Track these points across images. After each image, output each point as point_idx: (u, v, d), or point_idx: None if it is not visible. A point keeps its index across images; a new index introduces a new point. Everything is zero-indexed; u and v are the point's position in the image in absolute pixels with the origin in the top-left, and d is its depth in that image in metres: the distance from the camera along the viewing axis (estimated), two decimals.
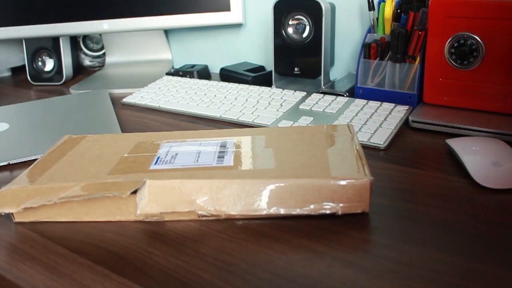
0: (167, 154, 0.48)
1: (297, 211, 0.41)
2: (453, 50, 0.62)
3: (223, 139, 0.51)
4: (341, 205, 0.41)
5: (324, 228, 0.41)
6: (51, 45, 1.01)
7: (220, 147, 0.49)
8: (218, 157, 0.47)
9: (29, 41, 1.01)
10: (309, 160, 0.44)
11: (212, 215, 0.43)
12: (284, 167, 0.43)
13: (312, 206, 0.41)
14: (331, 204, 0.41)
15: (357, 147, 0.46)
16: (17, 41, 1.08)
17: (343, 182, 0.40)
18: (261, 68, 0.92)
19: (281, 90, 0.77)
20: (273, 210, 0.42)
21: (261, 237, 0.40)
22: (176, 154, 0.48)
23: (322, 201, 0.41)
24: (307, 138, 0.50)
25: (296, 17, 0.75)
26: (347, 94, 0.74)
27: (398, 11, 0.69)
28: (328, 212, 0.41)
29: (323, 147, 0.47)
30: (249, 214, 0.42)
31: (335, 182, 0.41)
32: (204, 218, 0.43)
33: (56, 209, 0.44)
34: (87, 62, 1.13)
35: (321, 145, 0.48)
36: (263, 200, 0.41)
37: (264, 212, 0.42)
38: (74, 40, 1.08)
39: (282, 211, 0.41)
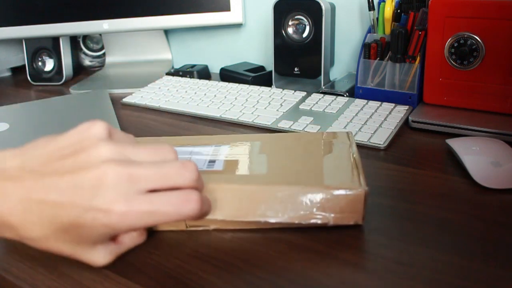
0: None
1: (285, 219, 0.39)
2: (453, 50, 0.62)
3: (217, 144, 0.49)
4: (332, 215, 0.39)
5: (324, 228, 0.41)
6: (51, 45, 1.01)
7: (213, 152, 0.47)
8: (209, 162, 0.45)
9: (29, 41, 1.01)
10: (303, 167, 0.43)
11: (200, 225, 0.41)
12: (276, 173, 0.42)
13: (301, 215, 0.39)
14: (322, 214, 0.39)
15: (354, 155, 0.44)
16: (17, 41, 1.08)
17: (336, 192, 0.39)
18: (261, 68, 0.92)
19: (281, 90, 0.77)
20: (261, 218, 0.39)
21: (261, 237, 0.40)
22: None
23: (313, 210, 0.39)
24: (304, 145, 0.47)
25: (296, 17, 0.75)
26: (347, 94, 0.74)
27: (398, 11, 0.69)
28: (319, 222, 0.39)
29: (319, 155, 0.45)
30: (236, 221, 0.40)
31: (327, 191, 0.39)
32: (192, 229, 0.42)
33: None
34: (87, 62, 1.13)
35: (318, 152, 0.46)
36: (251, 207, 0.39)
37: (251, 219, 0.40)
38: (74, 40, 1.08)
39: (271, 220, 0.39)
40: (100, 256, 0.36)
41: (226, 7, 0.90)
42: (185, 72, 0.91)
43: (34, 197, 0.33)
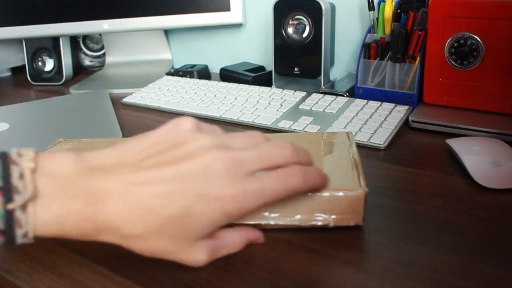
0: None
1: (287, 221, 0.39)
2: (453, 50, 0.62)
3: None
4: (333, 217, 0.39)
5: (324, 228, 0.41)
6: (51, 45, 1.01)
7: None
8: None
9: (29, 41, 1.01)
10: None
11: None
12: None
13: (301, 217, 0.39)
14: (323, 215, 0.39)
15: (354, 156, 0.44)
16: (17, 41, 1.08)
17: (336, 193, 0.38)
18: (261, 68, 0.92)
19: (281, 90, 0.77)
20: (261, 221, 0.39)
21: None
22: None
23: (313, 212, 0.39)
24: (304, 145, 0.46)
25: (296, 17, 0.75)
26: (347, 94, 0.74)
27: (398, 11, 0.69)
28: (319, 223, 0.39)
29: (319, 155, 0.45)
30: (236, 223, 0.39)
31: (328, 192, 0.38)
32: None
33: None
34: (87, 62, 1.13)
35: (318, 152, 0.45)
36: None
37: (251, 222, 0.39)
38: (74, 40, 1.08)
39: (271, 222, 0.39)
40: (200, 253, 0.34)
41: (226, 7, 0.90)
42: (185, 72, 0.91)
43: (138, 191, 0.31)
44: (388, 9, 0.69)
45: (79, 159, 0.33)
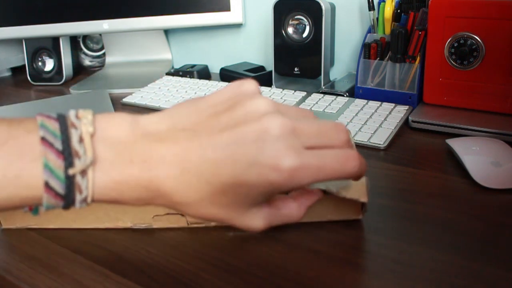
0: None
1: None
2: (453, 50, 0.62)
3: None
4: (332, 211, 0.40)
5: (323, 228, 0.41)
6: (51, 45, 1.01)
7: None
8: None
9: (29, 41, 1.01)
10: None
11: (201, 222, 0.42)
12: None
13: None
14: (321, 210, 0.40)
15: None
16: (17, 41, 1.08)
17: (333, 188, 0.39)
18: (261, 68, 0.92)
19: (281, 90, 0.77)
20: None
21: (261, 237, 0.40)
22: None
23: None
24: None
25: (296, 17, 0.75)
26: (347, 94, 0.74)
27: (398, 11, 0.69)
28: (318, 219, 0.40)
29: None
30: None
31: (326, 187, 0.39)
32: (194, 226, 0.42)
33: (44, 215, 0.43)
34: (87, 62, 1.13)
35: None
36: None
37: None
38: (74, 40, 1.08)
39: None
40: (256, 220, 0.33)
41: (226, 7, 0.90)
42: (185, 72, 0.91)
43: (191, 157, 0.30)
44: (388, 9, 0.69)
45: (136, 123, 0.32)
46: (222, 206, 0.32)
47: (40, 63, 1.02)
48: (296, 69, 0.78)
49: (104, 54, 1.11)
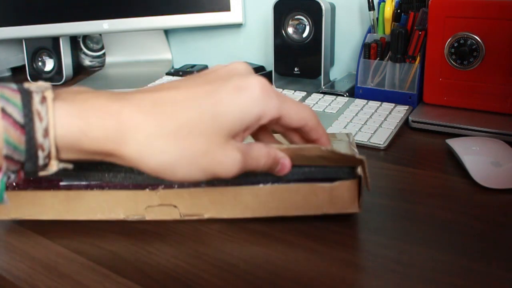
0: None
1: (285, 212, 0.41)
2: (453, 50, 0.62)
3: None
4: (327, 204, 0.41)
5: (324, 228, 0.41)
6: (51, 45, 1.01)
7: None
8: None
9: (29, 41, 1.01)
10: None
11: (193, 215, 0.42)
12: None
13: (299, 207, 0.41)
14: (316, 203, 0.40)
15: (354, 149, 0.45)
16: (17, 41, 1.08)
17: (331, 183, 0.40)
18: (261, 68, 0.92)
19: (281, 90, 0.77)
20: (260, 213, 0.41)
21: (261, 237, 0.40)
22: None
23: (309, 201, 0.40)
24: (304, 146, 0.48)
25: (296, 17, 0.75)
26: (347, 94, 0.74)
27: (398, 11, 0.69)
28: (313, 213, 0.41)
29: None
30: (235, 217, 0.42)
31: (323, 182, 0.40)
32: (186, 218, 0.43)
33: (37, 206, 0.43)
34: (87, 62, 1.13)
35: None
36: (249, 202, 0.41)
37: (270, 215, 0.41)
38: (74, 40, 1.08)
39: (271, 212, 0.41)
40: (235, 152, 0.32)
41: (226, 7, 0.90)
42: (185, 72, 0.91)
43: (163, 93, 0.32)
44: (388, 9, 0.69)
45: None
46: (201, 136, 0.31)
47: (40, 63, 1.02)
48: (296, 69, 0.78)
49: (104, 54, 1.11)
